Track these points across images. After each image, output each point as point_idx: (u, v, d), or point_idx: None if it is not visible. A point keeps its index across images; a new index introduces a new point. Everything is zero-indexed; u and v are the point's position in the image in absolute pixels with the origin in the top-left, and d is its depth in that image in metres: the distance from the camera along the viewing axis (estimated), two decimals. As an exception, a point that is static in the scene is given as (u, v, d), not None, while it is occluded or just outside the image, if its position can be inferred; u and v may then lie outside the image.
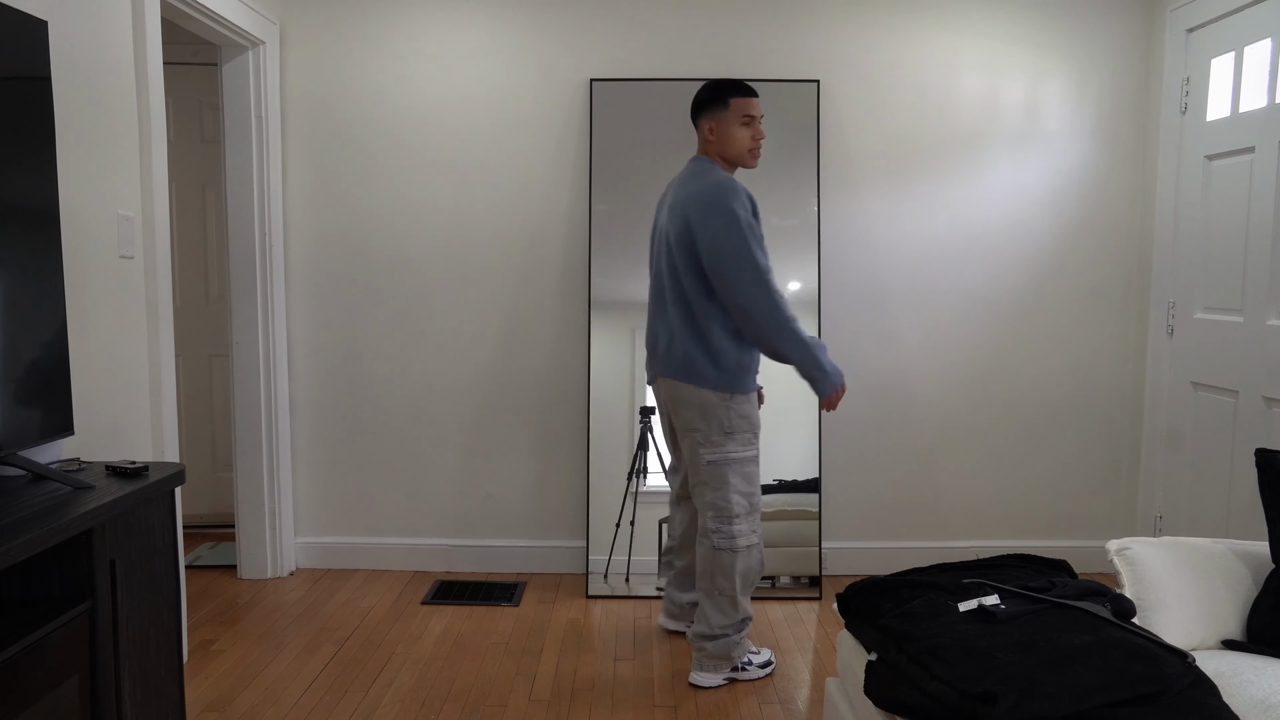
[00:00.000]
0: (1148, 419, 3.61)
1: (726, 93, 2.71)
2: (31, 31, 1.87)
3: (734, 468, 2.72)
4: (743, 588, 2.77)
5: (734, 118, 2.70)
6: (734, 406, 2.70)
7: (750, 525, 2.74)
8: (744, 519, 2.73)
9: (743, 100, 2.70)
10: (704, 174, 2.69)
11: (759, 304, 2.57)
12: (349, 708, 2.62)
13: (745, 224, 2.57)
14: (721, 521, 2.72)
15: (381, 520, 3.79)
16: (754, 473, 2.76)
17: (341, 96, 3.63)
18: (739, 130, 2.71)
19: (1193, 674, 1.53)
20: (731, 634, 2.77)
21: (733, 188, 2.62)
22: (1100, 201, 3.66)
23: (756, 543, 2.76)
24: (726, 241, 2.57)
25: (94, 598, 1.77)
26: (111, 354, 2.50)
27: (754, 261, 2.56)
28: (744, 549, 2.73)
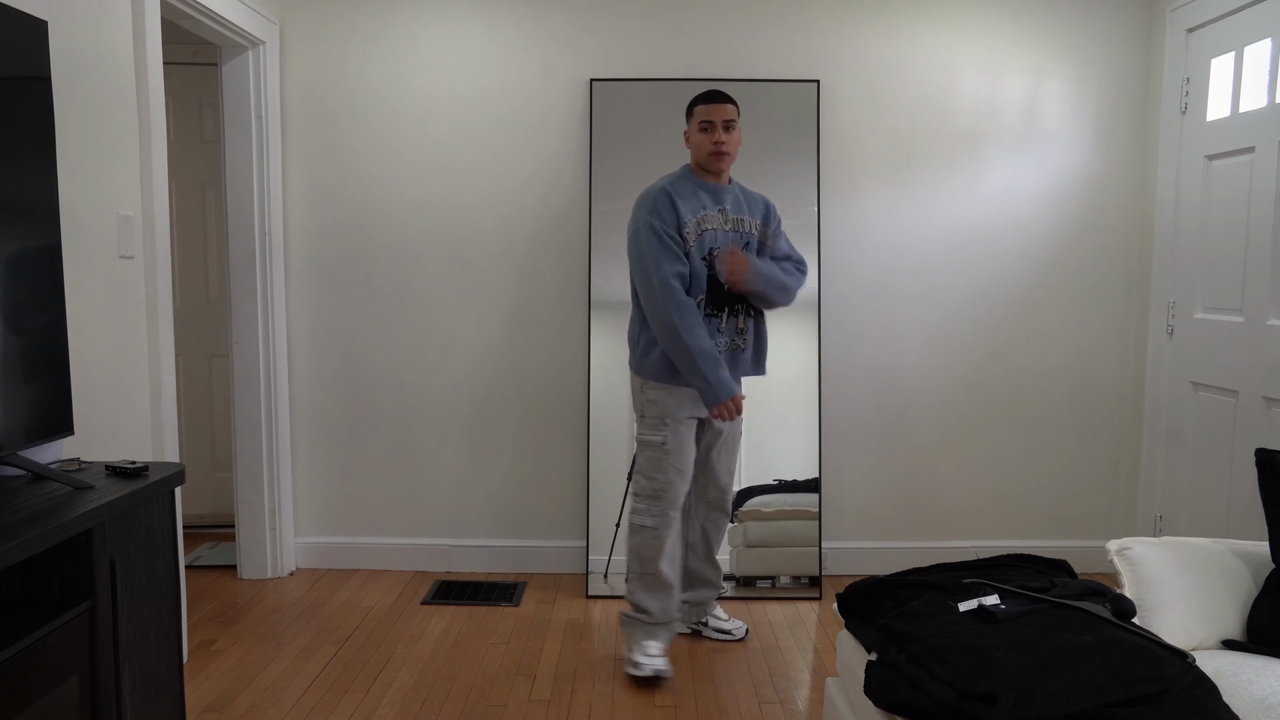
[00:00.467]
0: (1148, 419, 3.61)
1: (693, 102, 2.88)
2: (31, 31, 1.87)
3: (641, 449, 2.88)
4: (638, 570, 2.87)
5: (695, 124, 2.86)
6: (646, 391, 2.85)
7: (648, 508, 2.85)
8: (642, 499, 2.87)
9: (701, 107, 2.85)
10: (661, 179, 2.87)
11: (653, 310, 2.73)
12: (349, 708, 2.62)
13: (654, 233, 2.73)
14: (631, 496, 2.95)
15: (381, 520, 3.79)
16: (659, 459, 2.84)
17: (341, 97, 3.63)
18: (698, 135, 2.85)
19: (1193, 674, 1.53)
20: (628, 612, 2.90)
21: (651, 198, 2.78)
22: (1100, 201, 3.66)
23: (651, 527, 2.85)
24: (634, 248, 2.78)
25: (94, 598, 1.77)
26: (111, 354, 2.50)
27: (651, 270, 2.72)
28: (634, 527, 2.87)
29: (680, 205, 2.77)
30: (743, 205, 2.93)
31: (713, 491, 3.04)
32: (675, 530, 2.87)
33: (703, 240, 2.80)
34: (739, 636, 3.11)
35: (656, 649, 2.83)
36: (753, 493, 3.54)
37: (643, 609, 2.86)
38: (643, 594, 2.87)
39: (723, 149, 2.82)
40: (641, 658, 2.79)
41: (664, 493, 2.84)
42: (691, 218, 2.79)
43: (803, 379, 3.56)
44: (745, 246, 2.89)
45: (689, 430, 2.87)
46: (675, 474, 2.84)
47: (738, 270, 2.80)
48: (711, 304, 2.83)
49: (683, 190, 2.82)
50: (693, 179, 2.87)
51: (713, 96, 2.85)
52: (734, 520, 3.53)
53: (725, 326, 2.86)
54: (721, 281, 2.81)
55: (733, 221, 2.88)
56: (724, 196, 2.88)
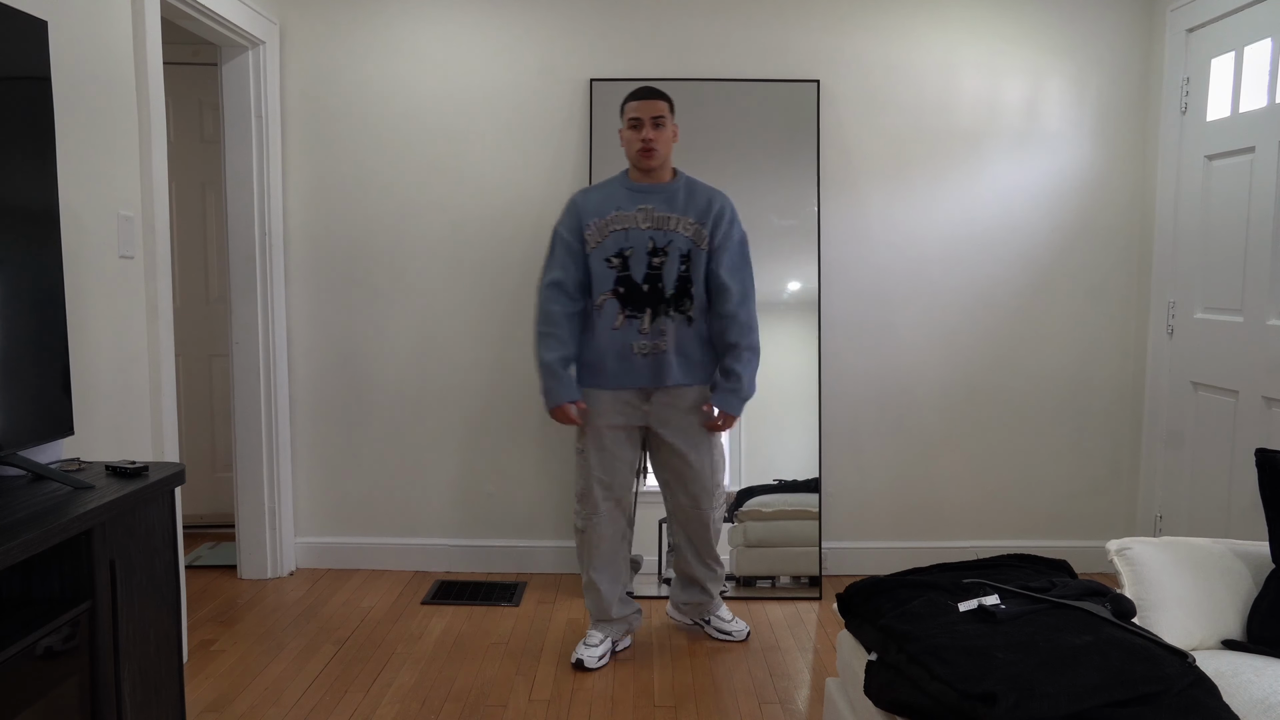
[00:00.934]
0: (1148, 419, 3.61)
1: (624, 100, 2.87)
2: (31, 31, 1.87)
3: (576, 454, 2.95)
4: (580, 565, 2.97)
5: (625, 121, 2.85)
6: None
7: (579, 509, 2.94)
8: (577, 501, 2.94)
9: (631, 104, 2.83)
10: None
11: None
12: (349, 708, 2.62)
13: (553, 237, 2.85)
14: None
15: (381, 520, 3.79)
16: (581, 465, 2.91)
17: (341, 96, 3.63)
18: (628, 133, 2.84)
19: (1193, 674, 1.53)
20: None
21: (567, 203, 2.88)
22: (1100, 201, 3.66)
23: (580, 528, 2.93)
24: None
25: (94, 598, 1.77)
26: (111, 354, 2.50)
27: (543, 273, 2.85)
28: (574, 528, 2.99)
29: (584, 208, 2.83)
30: (679, 203, 2.84)
31: (683, 498, 2.95)
32: (605, 532, 2.91)
33: (606, 243, 2.81)
34: (740, 638, 3.10)
35: (596, 638, 2.91)
36: (753, 493, 3.54)
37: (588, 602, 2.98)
38: (586, 588, 2.96)
39: (650, 145, 2.79)
40: (580, 646, 2.91)
41: (587, 497, 2.90)
42: (595, 219, 2.81)
43: (803, 379, 3.56)
44: (667, 247, 2.81)
45: (615, 439, 2.87)
46: (597, 483, 2.88)
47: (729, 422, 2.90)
48: (631, 306, 2.81)
49: (594, 196, 2.86)
50: (623, 180, 2.88)
51: (642, 93, 2.83)
52: (734, 520, 3.53)
53: (648, 329, 2.81)
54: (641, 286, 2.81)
55: (655, 219, 2.82)
56: (654, 195, 2.84)
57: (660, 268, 2.81)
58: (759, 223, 3.56)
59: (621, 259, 2.81)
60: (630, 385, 2.84)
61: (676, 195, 2.86)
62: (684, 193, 2.88)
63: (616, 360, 2.82)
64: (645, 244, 2.81)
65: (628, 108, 2.83)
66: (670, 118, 2.83)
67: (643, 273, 2.80)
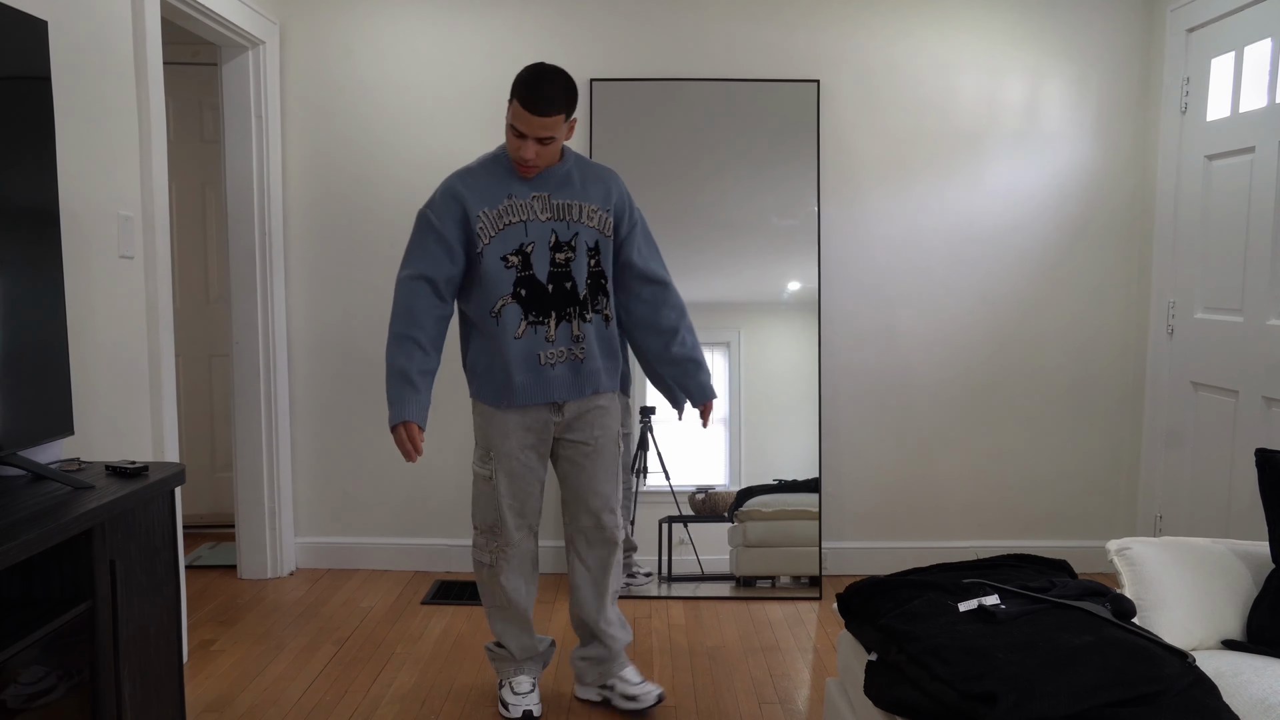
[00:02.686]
0: (1148, 419, 3.61)
1: (514, 87, 2.32)
2: (31, 31, 1.87)
3: (474, 480, 2.55)
4: (487, 602, 2.58)
5: (510, 114, 2.33)
6: (474, 413, 2.53)
7: (484, 542, 2.52)
8: (480, 534, 2.53)
9: (516, 104, 2.30)
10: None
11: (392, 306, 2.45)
12: (349, 708, 2.62)
13: (421, 224, 2.40)
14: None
15: (381, 520, 3.79)
16: (483, 493, 2.50)
17: (341, 96, 3.63)
18: (510, 135, 2.36)
19: (1193, 674, 1.53)
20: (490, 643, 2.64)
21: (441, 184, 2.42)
22: (1100, 201, 3.66)
23: (487, 563, 2.52)
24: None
25: (94, 598, 1.77)
26: (111, 354, 2.49)
27: (403, 264, 2.41)
28: (475, 561, 2.57)
29: (469, 197, 2.37)
30: (575, 188, 2.45)
31: (585, 519, 2.57)
32: (516, 563, 2.52)
33: (506, 235, 2.38)
34: (649, 704, 2.58)
35: (527, 684, 2.57)
36: (753, 493, 3.55)
37: (502, 644, 2.60)
38: (499, 627, 2.59)
39: (529, 164, 2.35)
40: (510, 697, 2.55)
41: (496, 529, 2.50)
42: (486, 209, 2.37)
43: (803, 379, 3.57)
44: (572, 240, 2.43)
45: (525, 460, 2.47)
46: (507, 510, 2.48)
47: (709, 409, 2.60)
48: (535, 310, 2.41)
49: (480, 180, 2.40)
50: (507, 162, 2.42)
51: (533, 100, 2.26)
52: (734, 520, 3.53)
53: (556, 335, 2.43)
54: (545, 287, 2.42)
55: (555, 208, 2.41)
56: (547, 181, 2.42)
57: (567, 264, 2.42)
58: (759, 223, 3.57)
59: (522, 256, 2.39)
60: (542, 400, 2.44)
61: (571, 178, 2.45)
62: (578, 174, 2.47)
63: (525, 373, 2.41)
64: (547, 238, 2.40)
65: (513, 108, 2.30)
66: (564, 127, 2.34)
67: (546, 271, 2.40)
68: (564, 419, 2.50)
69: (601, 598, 2.61)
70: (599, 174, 2.51)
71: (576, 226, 2.44)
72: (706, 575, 3.53)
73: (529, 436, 2.47)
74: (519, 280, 2.40)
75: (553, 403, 2.46)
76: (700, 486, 3.55)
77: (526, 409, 2.45)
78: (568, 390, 2.46)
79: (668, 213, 3.55)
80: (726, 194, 3.56)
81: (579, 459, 2.54)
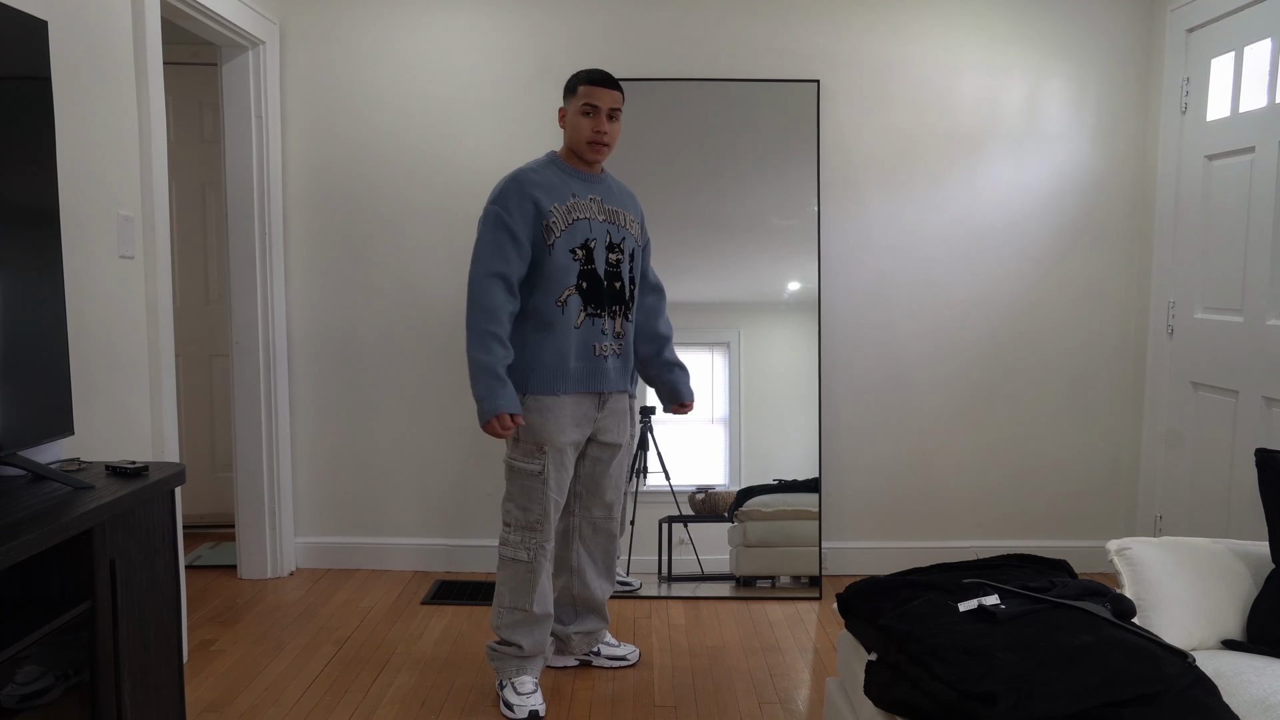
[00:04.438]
0: (1148, 419, 3.61)
1: (576, 79, 2.57)
2: (31, 31, 1.87)
3: (513, 475, 2.58)
4: (509, 601, 2.60)
5: (576, 105, 2.55)
6: (526, 410, 2.52)
7: (521, 539, 2.57)
8: (515, 530, 2.58)
9: (587, 88, 2.53)
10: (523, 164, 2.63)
11: (467, 303, 2.48)
12: (349, 708, 2.62)
13: (494, 223, 2.47)
14: (503, 524, 2.63)
15: (381, 520, 3.79)
16: (531, 488, 2.55)
17: (341, 96, 3.63)
18: (578, 119, 2.55)
19: (1193, 674, 1.53)
20: (494, 643, 2.65)
21: (507, 183, 2.51)
22: (1100, 201, 3.66)
23: (524, 559, 2.57)
24: (477, 236, 2.53)
25: (94, 598, 1.77)
26: (111, 354, 2.49)
27: (478, 262, 2.47)
28: (506, 559, 2.60)
29: (539, 194, 2.49)
30: (615, 197, 2.66)
31: (598, 510, 2.75)
32: (549, 563, 2.61)
33: (573, 230, 2.52)
34: (633, 661, 2.89)
35: (530, 685, 2.60)
36: (753, 493, 3.55)
37: (512, 643, 2.62)
38: (512, 629, 2.61)
39: (603, 139, 2.55)
40: (514, 697, 2.56)
41: (540, 525, 2.56)
42: (557, 205, 2.50)
43: (803, 379, 3.57)
44: (620, 244, 2.61)
45: (571, 456, 2.60)
46: (552, 506, 2.57)
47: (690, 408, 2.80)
48: (593, 303, 2.55)
49: (545, 178, 2.54)
50: (560, 165, 2.60)
51: (601, 78, 2.54)
52: (734, 520, 3.53)
53: (608, 329, 2.59)
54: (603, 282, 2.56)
55: (608, 213, 2.60)
56: (596, 186, 2.62)
57: (618, 265, 2.60)
58: (759, 223, 3.57)
59: (586, 251, 2.53)
60: (593, 390, 2.58)
61: (611, 189, 2.66)
62: (615, 187, 2.68)
63: (581, 360, 2.54)
64: (604, 237, 2.57)
65: (583, 91, 2.52)
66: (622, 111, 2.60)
67: (603, 268, 2.56)
68: (602, 414, 2.65)
69: (608, 579, 2.82)
70: (628, 191, 2.75)
71: (623, 232, 2.64)
72: (706, 575, 3.53)
73: (575, 432, 2.60)
74: (582, 273, 2.54)
75: (599, 394, 2.61)
76: (700, 486, 3.55)
77: (579, 400, 2.58)
78: (613, 382, 2.63)
79: (668, 213, 3.55)
80: (726, 194, 3.56)
81: (606, 458, 2.72)
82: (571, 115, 2.57)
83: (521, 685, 2.59)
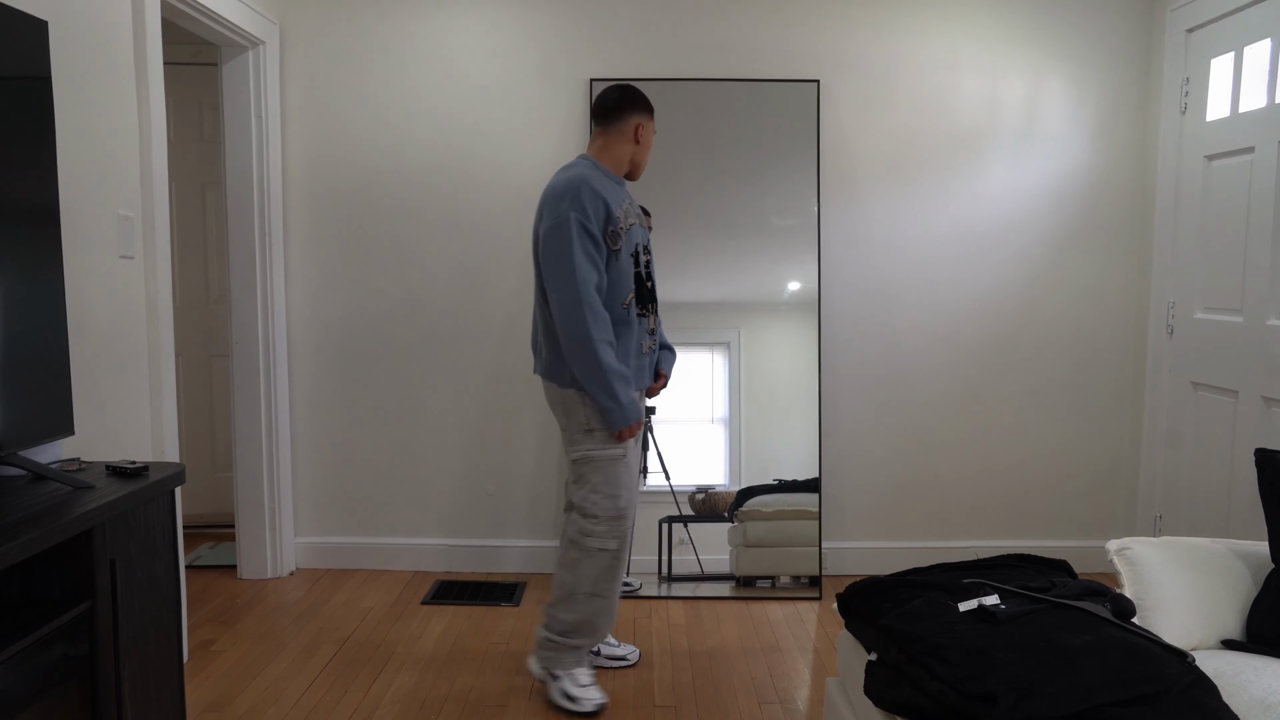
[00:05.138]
0: (1148, 419, 3.61)
1: (645, 106, 2.67)
2: (31, 31, 1.87)
3: (595, 466, 2.59)
4: (589, 589, 2.61)
5: (649, 131, 2.68)
6: (590, 403, 2.57)
7: (609, 529, 2.60)
8: (603, 521, 2.60)
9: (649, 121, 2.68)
10: (569, 169, 2.58)
11: (569, 318, 2.45)
12: (349, 708, 2.62)
13: (576, 227, 2.44)
14: (581, 517, 2.63)
15: (381, 520, 3.79)
16: (618, 474, 2.59)
17: (341, 96, 3.63)
18: (649, 141, 2.69)
19: (1193, 674, 1.53)
20: (556, 635, 2.64)
21: (576, 187, 2.48)
22: (1100, 201, 3.66)
23: (613, 549, 2.61)
24: (551, 243, 2.46)
25: (94, 598, 1.77)
26: (111, 354, 2.50)
27: (570, 271, 2.44)
28: (594, 550, 2.61)
29: (608, 198, 2.52)
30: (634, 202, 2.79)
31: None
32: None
33: (631, 233, 2.59)
34: (633, 661, 2.91)
35: (589, 677, 2.63)
36: (753, 493, 3.55)
37: (580, 634, 2.63)
38: (587, 619, 2.63)
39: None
40: (576, 689, 2.59)
41: (627, 510, 2.62)
42: (620, 208, 2.56)
43: (803, 379, 3.57)
44: (649, 245, 2.74)
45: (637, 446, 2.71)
46: (635, 488, 2.67)
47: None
48: (640, 304, 2.63)
49: (603, 182, 2.56)
50: (603, 170, 2.62)
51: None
52: (734, 520, 3.53)
53: (649, 328, 2.69)
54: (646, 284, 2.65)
55: (638, 216, 2.70)
56: (626, 191, 2.72)
57: (649, 266, 2.71)
58: (759, 223, 3.57)
59: (637, 253, 2.62)
60: (642, 385, 2.71)
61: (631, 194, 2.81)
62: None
63: (638, 358, 2.65)
64: (645, 241, 2.70)
65: (649, 122, 2.67)
66: None
67: (645, 270, 2.67)
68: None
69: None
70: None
71: (649, 234, 2.75)
72: (706, 575, 3.53)
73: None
74: (636, 275, 2.62)
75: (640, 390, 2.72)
76: (700, 486, 3.55)
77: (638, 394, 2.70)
78: (650, 376, 2.75)
79: (668, 212, 3.55)
80: (726, 194, 3.56)
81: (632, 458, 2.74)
82: (645, 134, 2.67)
83: (582, 677, 2.63)
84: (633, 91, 2.67)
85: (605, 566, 2.62)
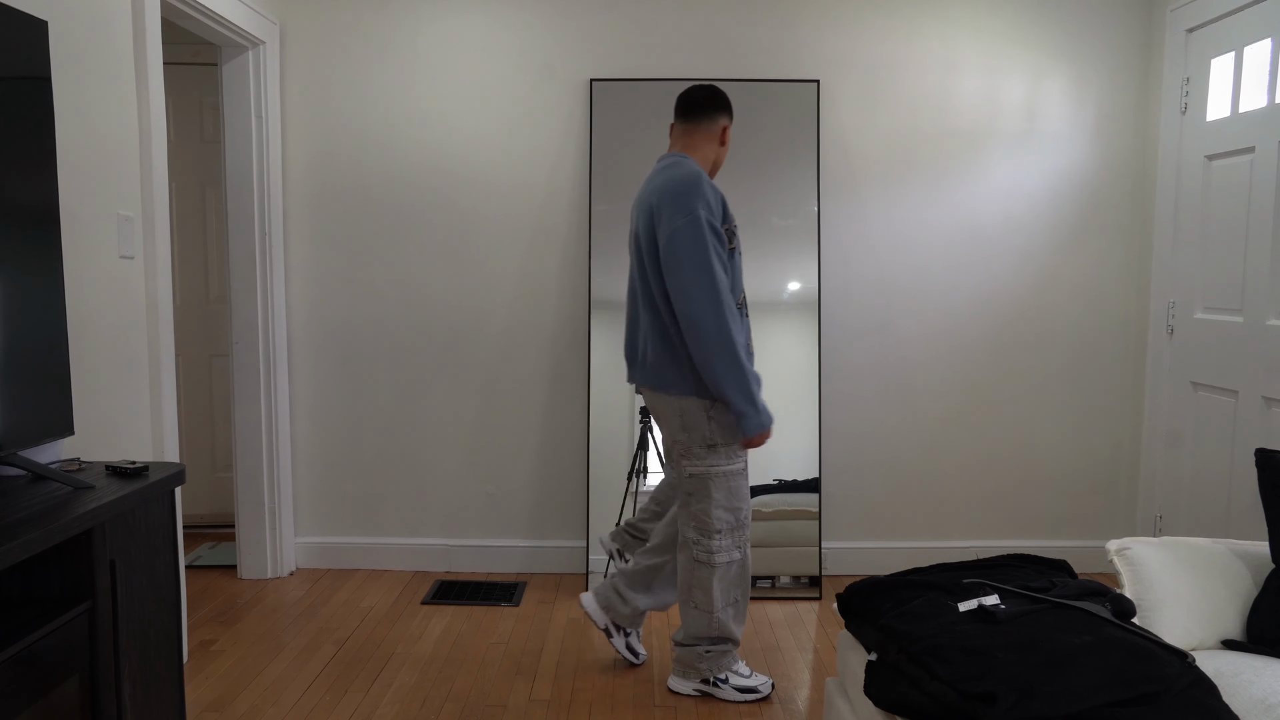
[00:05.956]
0: (1148, 419, 3.61)
1: (728, 108, 2.67)
2: (31, 31, 1.87)
3: (717, 481, 2.56)
4: (722, 602, 2.62)
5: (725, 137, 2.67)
6: (715, 416, 2.52)
7: (733, 540, 2.60)
8: (726, 534, 2.59)
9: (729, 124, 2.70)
10: (677, 166, 2.53)
11: (707, 318, 2.39)
12: (349, 708, 2.62)
13: (706, 226, 2.41)
14: (702, 534, 2.60)
15: (381, 520, 3.79)
16: (740, 486, 2.59)
17: (341, 96, 3.63)
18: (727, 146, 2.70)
19: (1193, 674, 1.53)
20: (702, 646, 2.66)
21: (698, 184, 2.45)
22: (1100, 201, 3.66)
23: (739, 559, 2.62)
24: (684, 242, 2.40)
25: (94, 598, 1.77)
26: (111, 354, 2.49)
27: (708, 271, 2.39)
28: (722, 565, 2.60)
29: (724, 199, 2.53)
30: None
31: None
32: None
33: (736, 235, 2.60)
34: (638, 664, 2.94)
35: (746, 666, 2.73)
36: (753, 493, 3.54)
37: (730, 638, 2.66)
38: (730, 623, 2.65)
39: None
40: (744, 680, 2.67)
41: (748, 520, 2.63)
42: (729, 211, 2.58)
43: (803, 379, 3.57)
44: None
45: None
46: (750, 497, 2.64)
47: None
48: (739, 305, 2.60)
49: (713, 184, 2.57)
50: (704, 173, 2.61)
51: None
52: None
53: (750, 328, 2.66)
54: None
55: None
56: None
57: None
58: (759, 223, 3.57)
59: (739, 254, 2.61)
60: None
61: None
62: None
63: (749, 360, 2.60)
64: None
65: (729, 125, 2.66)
66: None
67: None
68: None
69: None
70: None
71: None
72: (706, 575, 3.52)
73: None
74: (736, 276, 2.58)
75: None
76: (700, 486, 3.54)
77: None
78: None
79: (668, 213, 3.54)
80: (727, 194, 3.56)
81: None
82: (728, 137, 2.67)
83: (742, 668, 2.70)
84: (720, 92, 2.65)
85: (731, 575, 2.62)
